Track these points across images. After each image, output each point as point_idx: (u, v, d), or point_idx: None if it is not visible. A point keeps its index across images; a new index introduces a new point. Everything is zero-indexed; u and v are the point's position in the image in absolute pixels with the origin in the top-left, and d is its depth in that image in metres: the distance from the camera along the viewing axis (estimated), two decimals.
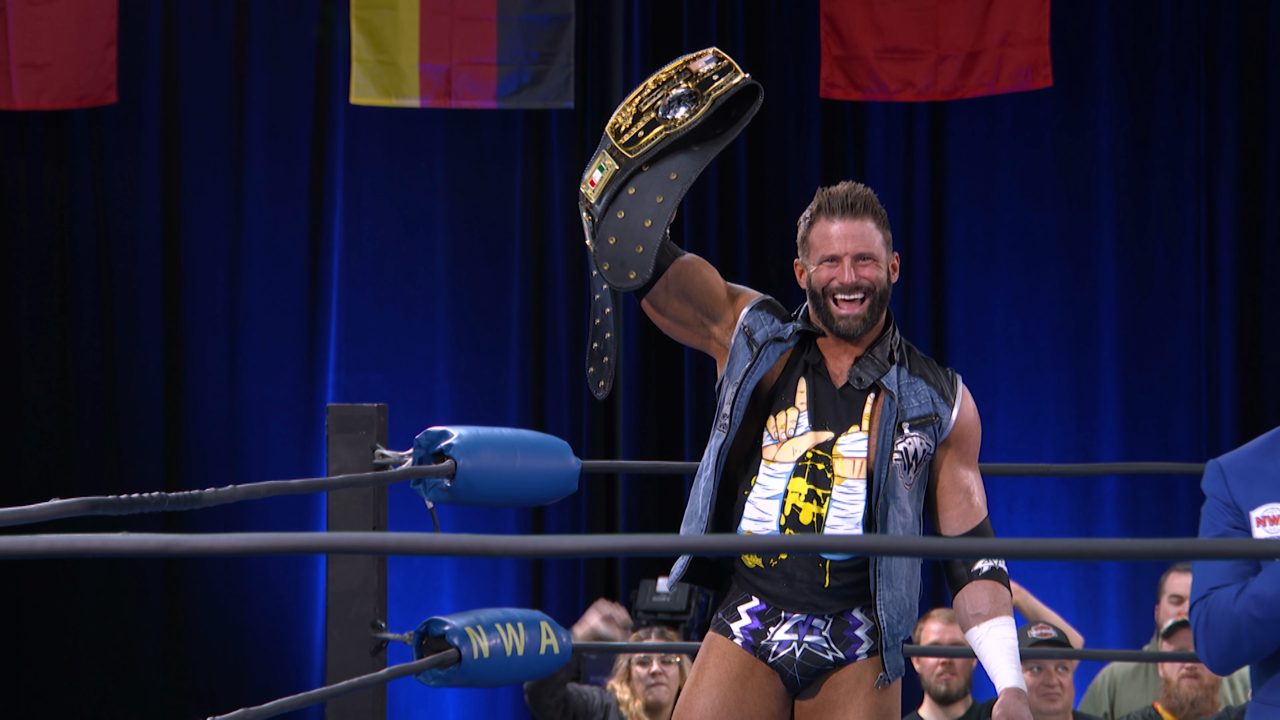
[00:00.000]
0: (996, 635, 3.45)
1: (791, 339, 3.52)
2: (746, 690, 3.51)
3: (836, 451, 3.47)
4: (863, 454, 3.47)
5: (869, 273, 3.50)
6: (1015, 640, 3.46)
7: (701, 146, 3.53)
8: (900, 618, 3.48)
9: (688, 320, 3.57)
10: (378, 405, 4.35)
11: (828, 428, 3.48)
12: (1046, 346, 7.76)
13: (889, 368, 3.50)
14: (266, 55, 7.92)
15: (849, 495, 3.45)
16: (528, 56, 7.47)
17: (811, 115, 7.81)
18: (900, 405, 3.47)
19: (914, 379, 3.52)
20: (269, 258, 7.93)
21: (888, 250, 3.54)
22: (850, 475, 3.46)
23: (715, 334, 3.58)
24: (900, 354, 3.53)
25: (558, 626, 4.36)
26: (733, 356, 3.53)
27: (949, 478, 3.53)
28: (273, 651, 7.82)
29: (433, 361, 7.94)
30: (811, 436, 3.48)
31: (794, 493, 3.47)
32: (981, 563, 3.49)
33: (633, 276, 3.47)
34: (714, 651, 3.54)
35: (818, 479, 3.47)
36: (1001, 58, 7.37)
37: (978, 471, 3.57)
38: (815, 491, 3.46)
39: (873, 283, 3.49)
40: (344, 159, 7.93)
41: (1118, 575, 7.65)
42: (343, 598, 4.25)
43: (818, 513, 3.45)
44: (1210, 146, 7.68)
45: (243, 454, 7.86)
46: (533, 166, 7.95)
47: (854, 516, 3.45)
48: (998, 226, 7.81)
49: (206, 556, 1.97)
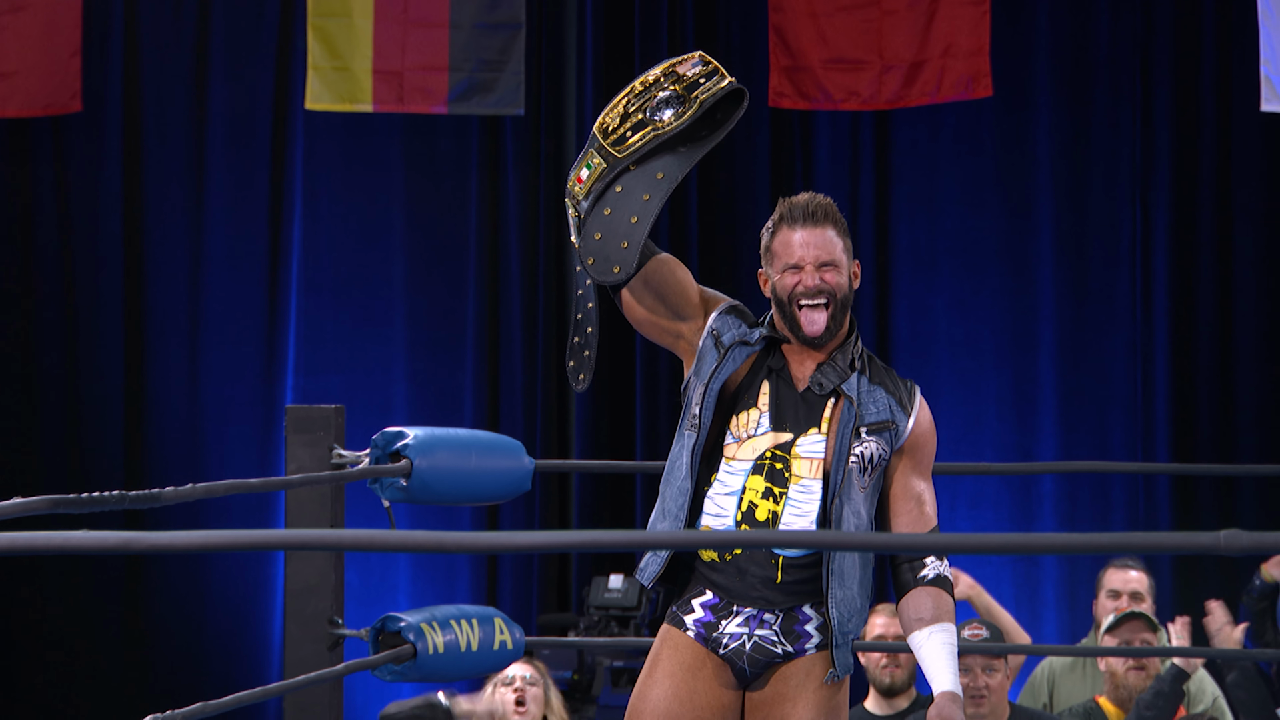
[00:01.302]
0: (936, 640, 3.48)
1: (758, 344, 3.54)
2: (698, 681, 3.51)
3: (795, 452, 3.49)
4: (820, 455, 3.49)
5: (831, 278, 3.52)
6: (955, 646, 3.49)
7: (688, 148, 3.55)
8: (850, 616, 3.50)
9: (660, 318, 3.58)
10: (335, 406, 4.34)
11: (787, 429, 3.50)
12: (987, 349, 7.79)
13: (850, 374, 3.53)
14: (227, 64, 7.89)
15: (805, 494, 3.47)
16: (479, 63, 7.46)
17: (760, 124, 7.82)
18: (859, 410, 3.49)
19: (873, 387, 3.54)
20: (229, 262, 7.90)
21: (849, 257, 3.56)
22: (807, 475, 3.48)
23: (685, 334, 3.60)
24: (862, 362, 3.56)
25: (511, 623, 4.35)
26: (700, 358, 3.55)
27: (901, 485, 3.55)
28: (232, 647, 7.79)
29: (389, 364, 7.92)
30: (771, 436, 3.50)
31: (751, 490, 3.49)
32: (927, 569, 3.51)
33: (616, 271, 3.49)
34: (667, 644, 3.55)
35: (775, 478, 3.49)
36: (943, 68, 7.39)
37: (930, 482, 3.59)
38: (772, 490, 3.48)
39: (834, 288, 3.51)
40: (303, 166, 7.91)
41: (1056, 571, 7.68)
42: (300, 594, 4.24)
43: (774, 510, 3.47)
44: (1145, 155, 7.72)
45: (203, 454, 7.83)
46: (487, 175, 7.94)
47: (809, 515, 3.47)
48: (940, 233, 7.83)
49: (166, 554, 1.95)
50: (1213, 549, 2.06)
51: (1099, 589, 5.92)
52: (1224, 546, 2.06)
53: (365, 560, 7.62)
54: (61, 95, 7.63)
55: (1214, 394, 7.65)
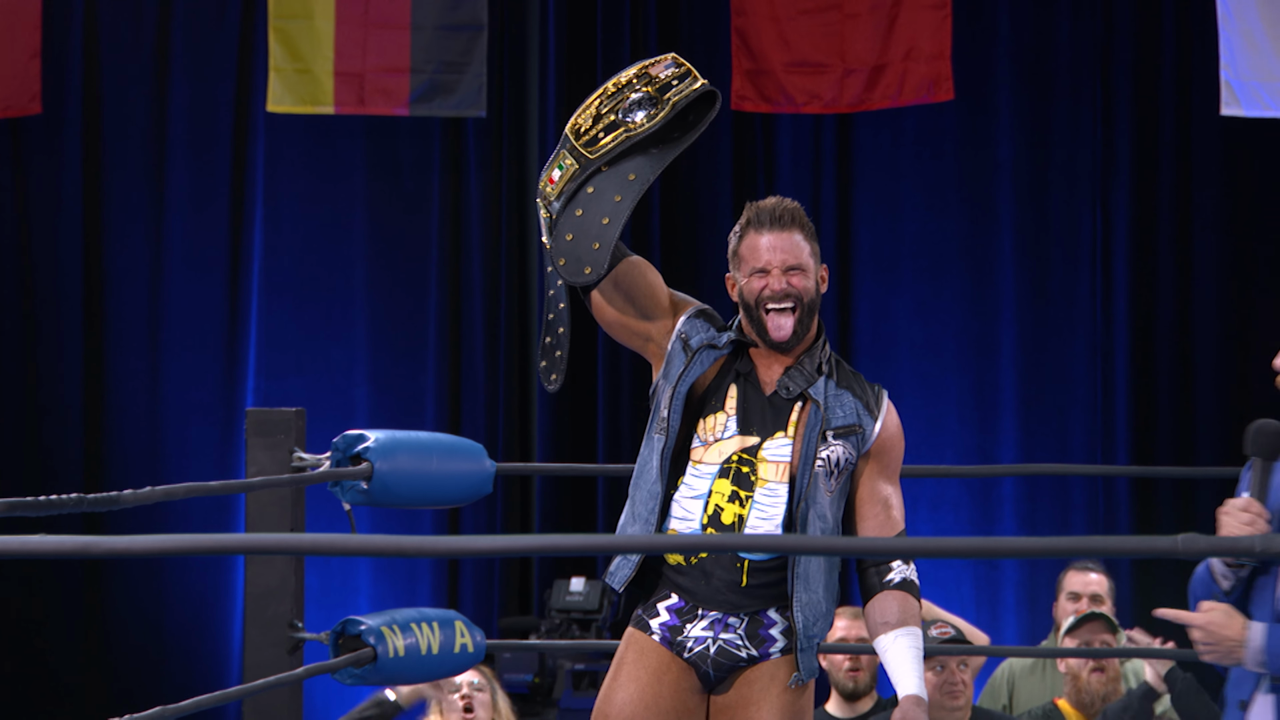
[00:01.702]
0: (902, 644, 3.49)
1: (725, 347, 3.54)
2: (663, 685, 3.52)
3: (761, 455, 3.50)
4: (786, 458, 3.50)
5: (798, 282, 3.53)
6: (920, 650, 3.50)
7: (660, 149, 3.56)
8: (815, 620, 3.51)
9: (630, 320, 3.59)
10: (296, 409, 4.33)
11: (754, 432, 3.51)
12: (949, 352, 7.81)
13: (817, 378, 3.54)
14: (187, 66, 7.86)
15: (771, 498, 3.48)
16: (440, 65, 7.45)
17: (722, 127, 7.82)
18: (825, 414, 3.50)
19: (840, 391, 3.55)
20: (190, 265, 7.87)
21: (816, 261, 3.57)
22: (773, 479, 3.49)
23: (654, 336, 3.61)
24: (829, 366, 3.57)
25: (472, 626, 4.35)
26: (669, 361, 3.56)
27: (868, 489, 3.56)
28: (191, 651, 7.76)
29: (351, 367, 7.90)
30: (738, 440, 3.51)
31: (717, 493, 3.50)
32: (893, 574, 3.52)
33: (588, 272, 3.50)
34: (632, 647, 3.55)
35: (741, 481, 3.49)
36: (905, 72, 7.41)
37: (898, 487, 3.60)
38: (738, 493, 3.49)
39: (801, 292, 3.53)
40: (264, 169, 7.89)
41: (1016, 573, 7.70)
42: (260, 598, 4.23)
43: (739, 513, 3.48)
44: (1106, 158, 7.75)
45: (163, 457, 7.80)
46: (449, 178, 7.94)
47: (775, 519, 3.48)
48: (902, 236, 7.85)
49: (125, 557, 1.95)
50: (1171, 553, 2.07)
51: (1059, 591, 5.94)
52: (1182, 550, 2.07)
53: (326, 563, 7.60)
54: (20, 97, 7.60)
55: (1174, 396, 7.69)
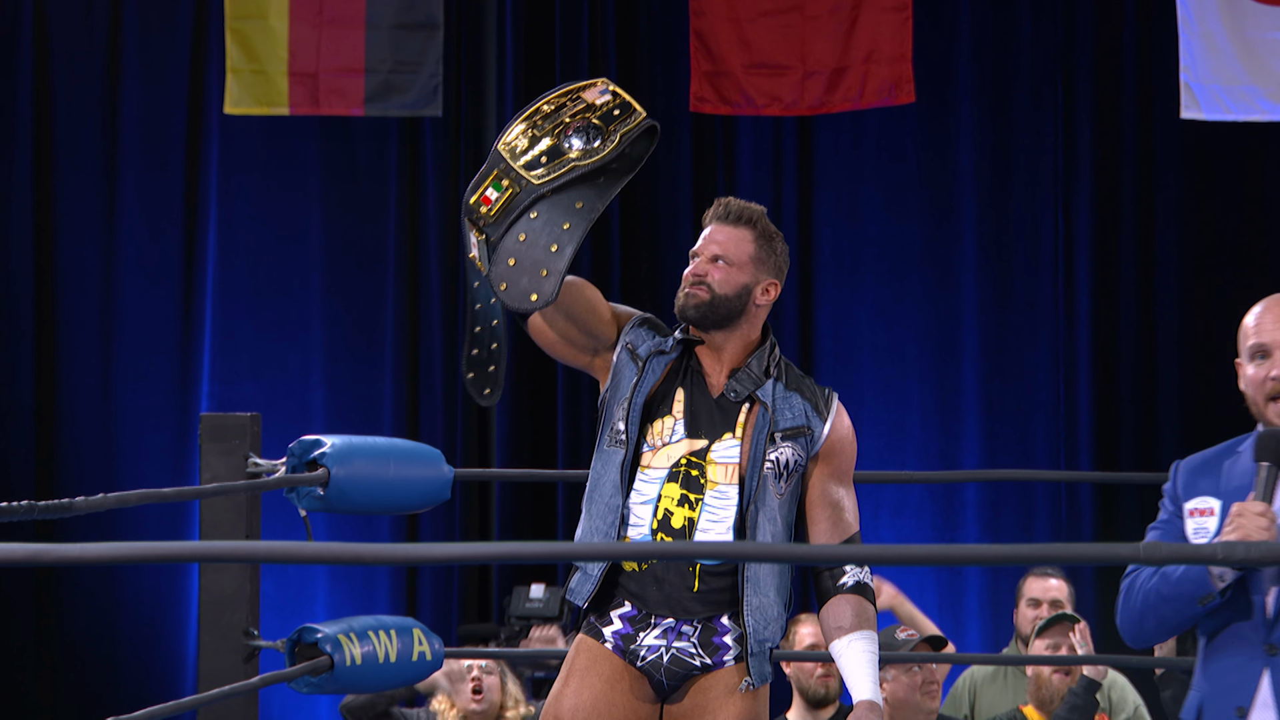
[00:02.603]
0: (857, 649, 3.50)
1: (673, 350, 3.55)
2: (615, 693, 3.52)
3: (710, 458, 3.51)
4: (735, 460, 3.51)
5: (716, 271, 3.54)
6: (875, 654, 3.51)
7: (605, 180, 3.56)
8: (767, 624, 3.51)
9: (572, 339, 3.59)
10: (251, 414, 4.32)
11: (702, 435, 3.53)
12: (911, 357, 7.83)
13: (764, 381, 3.56)
14: (140, 65, 7.83)
15: (721, 500, 3.49)
16: (395, 64, 7.43)
17: (682, 129, 7.83)
18: (773, 416, 3.51)
19: (789, 393, 3.57)
20: (143, 268, 7.84)
21: (759, 267, 3.56)
22: (723, 481, 3.51)
23: (598, 352, 3.61)
24: (778, 369, 3.58)
25: (430, 633, 4.34)
26: (617, 373, 3.56)
27: (819, 491, 3.58)
28: (145, 659, 7.73)
29: (307, 371, 7.88)
30: (686, 443, 3.53)
31: (667, 497, 3.51)
32: (847, 577, 3.53)
33: (534, 299, 3.47)
34: (584, 653, 3.54)
35: (691, 484, 3.50)
36: (866, 74, 7.42)
37: (851, 489, 3.62)
38: (688, 496, 3.50)
39: (715, 282, 3.53)
40: (218, 170, 7.86)
41: (979, 580, 7.72)
42: (215, 605, 4.21)
43: (690, 517, 3.49)
44: (1067, 162, 7.78)
45: (116, 463, 7.76)
46: (406, 180, 7.92)
47: (725, 521, 3.49)
48: (864, 239, 7.87)
49: (77, 565, 1.93)
50: (1133, 560, 2.08)
51: (1019, 597, 5.96)
52: (1144, 557, 2.08)
53: (282, 570, 7.57)
54: None
55: (1136, 400, 7.72)
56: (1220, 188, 7.72)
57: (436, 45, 7.45)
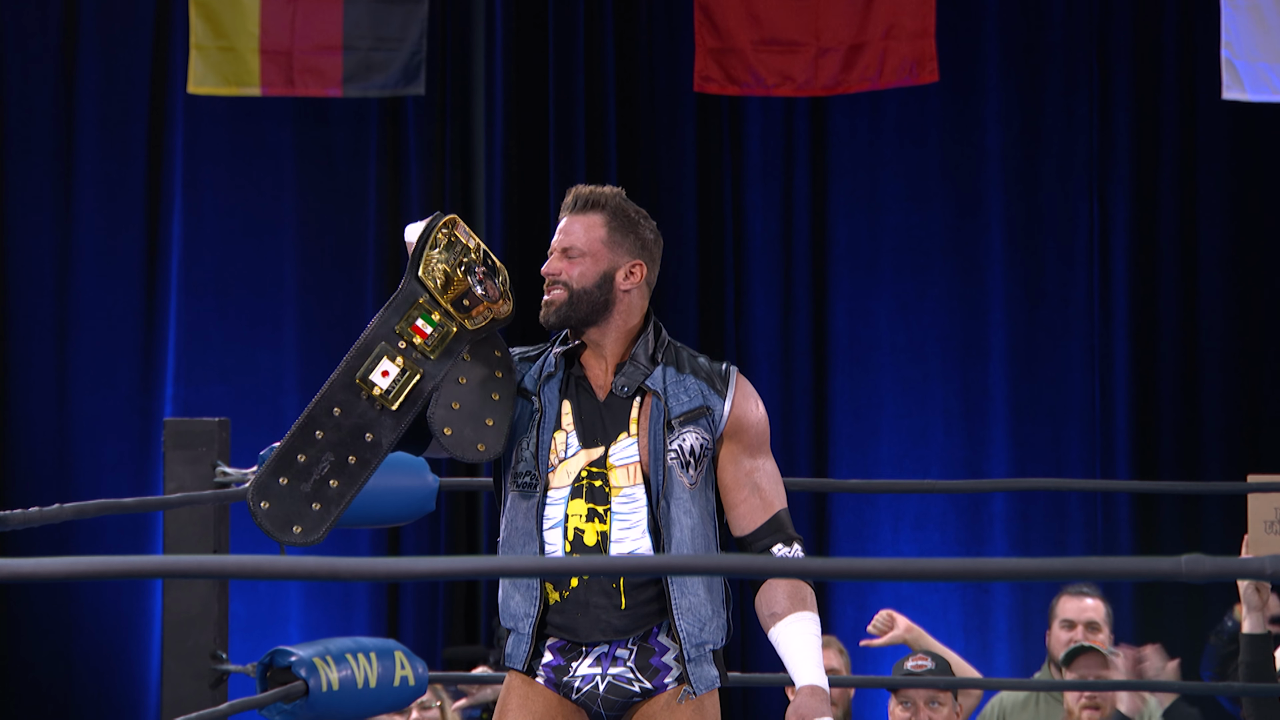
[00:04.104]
0: (794, 630, 3.51)
1: (558, 368, 3.58)
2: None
3: (610, 464, 3.54)
4: (635, 458, 3.54)
5: (569, 267, 3.57)
6: (815, 634, 3.52)
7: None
8: (702, 625, 3.53)
9: None
10: (219, 419, 4.33)
11: (598, 442, 3.56)
12: (933, 356, 7.83)
13: (652, 369, 3.58)
14: (98, 42, 7.83)
15: (629, 504, 3.52)
16: (376, 41, 7.44)
17: (685, 111, 7.83)
18: (667, 403, 3.53)
19: (682, 376, 3.60)
20: (101, 260, 7.84)
21: (616, 250, 3.58)
22: (627, 483, 3.54)
23: None
24: (665, 354, 3.60)
25: (413, 656, 4.34)
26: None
27: (732, 474, 3.59)
28: (104, 685, 7.73)
29: (280, 373, 7.88)
30: (584, 454, 3.56)
31: (574, 515, 3.54)
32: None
33: (481, 449, 3.55)
34: (515, 693, 3.56)
35: (595, 496, 3.54)
36: (885, 51, 7.43)
37: (768, 460, 3.62)
38: (595, 509, 3.53)
39: (569, 278, 3.55)
40: (183, 155, 7.86)
41: (1008, 598, 7.72)
42: (180, 626, 4.22)
43: (601, 531, 3.52)
44: (1103, 146, 7.78)
45: (73, 472, 7.77)
46: (387, 164, 7.93)
47: (638, 525, 3.52)
48: (882, 230, 7.87)
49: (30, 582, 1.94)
50: (1174, 575, 2.08)
51: (1052, 619, 5.96)
52: (1186, 573, 2.08)
53: (252, 588, 7.58)
54: None
55: (1178, 404, 7.72)
56: (1268, 173, 7.72)
57: (420, 19, 7.46)
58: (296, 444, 3.45)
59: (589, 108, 7.84)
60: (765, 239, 7.89)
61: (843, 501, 7.77)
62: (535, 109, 7.89)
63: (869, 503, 7.75)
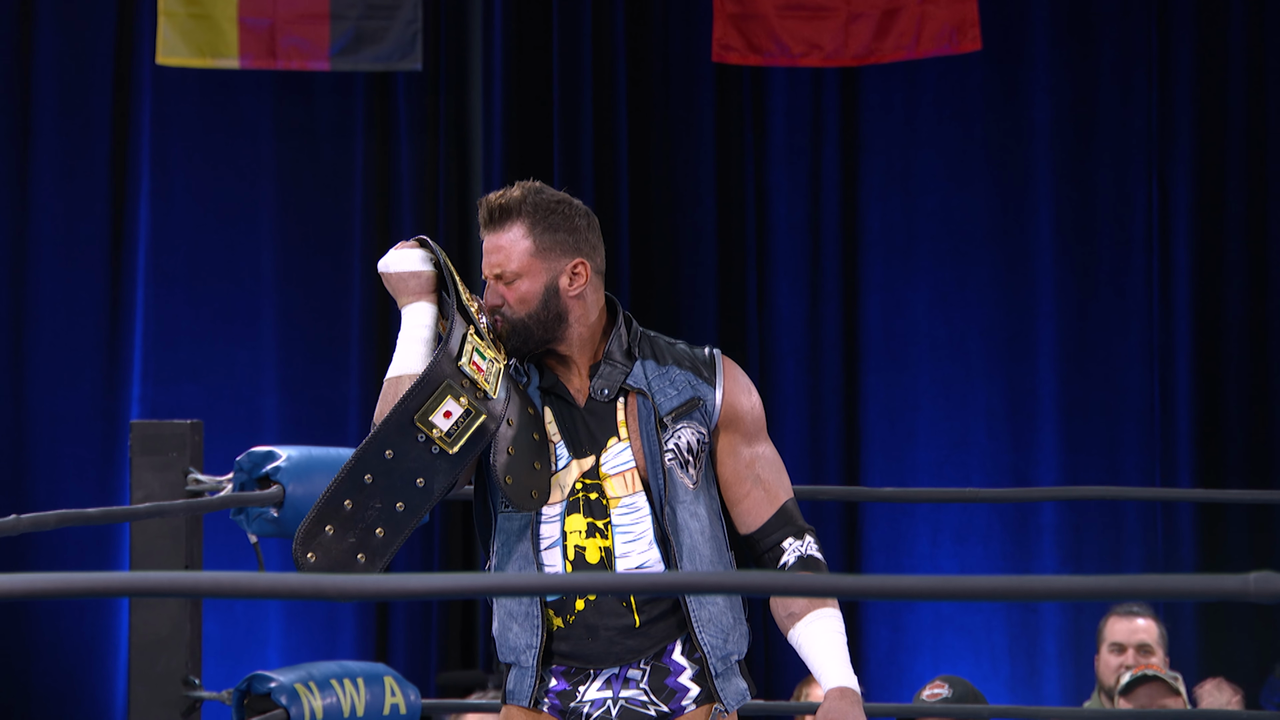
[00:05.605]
0: (815, 630, 3.52)
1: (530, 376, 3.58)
2: None
3: (603, 473, 3.54)
4: (630, 464, 3.55)
5: (508, 294, 3.55)
6: (839, 632, 3.52)
7: None
8: (725, 636, 3.54)
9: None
10: (191, 422, 4.33)
11: (587, 451, 3.55)
12: (976, 353, 7.84)
13: (631, 365, 3.58)
14: (56, 7, 7.85)
15: (631, 514, 3.53)
16: (366, 9, 7.45)
17: (703, 83, 7.83)
18: (654, 401, 3.54)
19: (665, 368, 3.60)
20: (61, 248, 7.86)
21: (550, 258, 3.55)
22: (625, 492, 3.54)
23: None
24: (641, 347, 3.60)
25: (404, 682, 4.35)
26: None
27: (732, 467, 3.60)
28: (65, 713, 7.75)
29: (257, 370, 7.90)
30: (575, 465, 3.56)
31: (573, 533, 3.54)
32: (786, 555, 3.57)
33: (535, 496, 3.52)
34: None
35: (593, 509, 3.54)
36: (923, 16, 7.43)
37: (768, 448, 3.63)
38: (594, 524, 3.53)
39: (510, 308, 3.54)
40: (151, 133, 7.88)
41: (1058, 619, 7.73)
42: (149, 649, 4.23)
43: (604, 546, 3.52)
44: (1163, 121, 7.78)
45: (29, 478, 7.79)
46: (375, 143, 7.94)
47: (644, 535, 3.52)
48: (919, 213, 7.88)
49: None
50: (1240, 595, 2.08)
51: (1100, 641, 5.96)
52: (1254, 592, 2.08)
53: (228, 607, 7.59)
54: None
55: (1246, 404, 7.72)
56: None
57: None
58: (344, 489, 3.45)
59: (596, 78, 7.85)
60: (791, 224, 7.90)
61: (876, 512, 7.77)
62: (538, 79, 7.90)
63: (905, 513, 7.75)
